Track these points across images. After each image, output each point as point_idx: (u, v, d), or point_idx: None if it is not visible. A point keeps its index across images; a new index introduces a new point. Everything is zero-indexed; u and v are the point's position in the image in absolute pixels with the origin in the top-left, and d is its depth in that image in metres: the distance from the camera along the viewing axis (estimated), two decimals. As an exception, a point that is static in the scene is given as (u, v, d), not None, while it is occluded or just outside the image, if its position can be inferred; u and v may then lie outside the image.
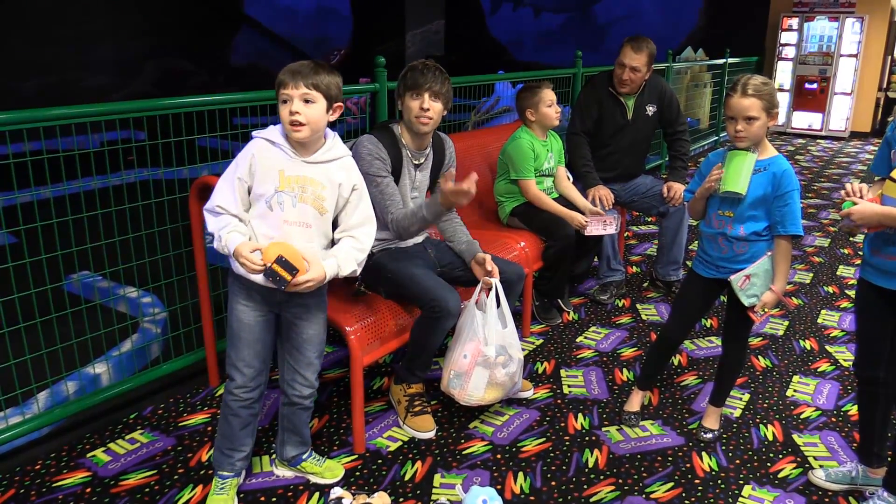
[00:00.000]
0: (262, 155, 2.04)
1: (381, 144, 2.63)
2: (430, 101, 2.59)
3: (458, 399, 2.68)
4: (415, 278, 2.60)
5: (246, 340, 2.16)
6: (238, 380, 2.18)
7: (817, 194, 7.26)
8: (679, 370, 3.33)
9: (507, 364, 2.68)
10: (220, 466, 2.29)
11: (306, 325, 2.22)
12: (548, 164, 3.71)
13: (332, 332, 3.53)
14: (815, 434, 2.82)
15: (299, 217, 2.07)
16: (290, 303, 2.16)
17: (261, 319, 2.16)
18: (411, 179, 2.76)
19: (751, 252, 2.48)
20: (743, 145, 2.40)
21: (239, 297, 2.13)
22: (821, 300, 4.30)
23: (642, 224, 5.91)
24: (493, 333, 2.64)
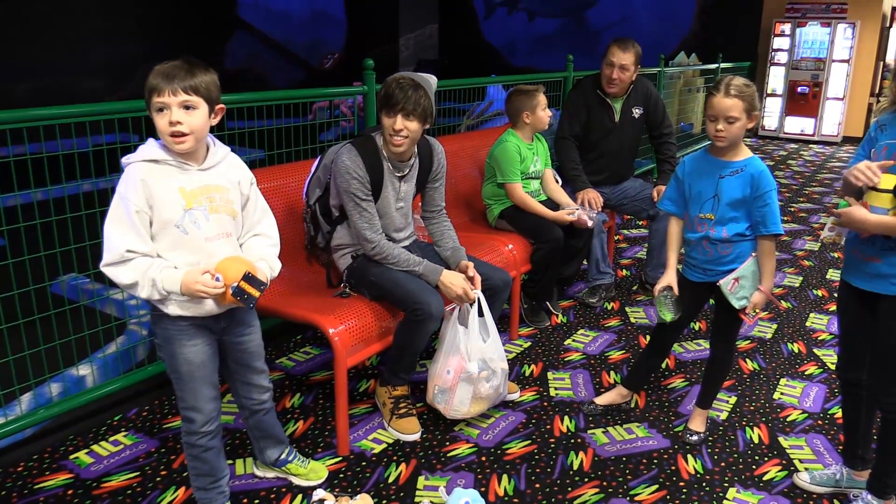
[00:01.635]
0: (152, 178, 1.81)
1: (361, 160, 2.58)
2: (403, 121, 2.52)
3: (444, 413, 2.69)
4: (398, 282, 2.59)
5: (201, 379, 1.99)
6: (199, 419, 2.02)
7: (808, 199, 7.28)
8: (666, 373, 3.33)
9: (491, 378, 2.68)
10: (212, 501, 2.16)
11: (248, 339, 2.11)
12: (534, 168, 3.71)
13: (316, 334, 3.55)
14: (801, 437, 2.82)
15: (219, 229, 1.92)
16: (230, 324, 2.04)
17: (210, 352, 2.01)
18: (395, 191, 2.73)
19: (735, 253, 2.48)
20: (722, 144, 2.42)
21: (182, 340, 1.93)
22: (809, 304, 4.30)
23: (632, 228, 5.92)
24: (474, 349, 2.63)
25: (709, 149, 2.54)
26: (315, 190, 2.76)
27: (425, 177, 2.84)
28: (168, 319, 1.92)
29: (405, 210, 2.81)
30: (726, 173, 2.46)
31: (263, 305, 2.67)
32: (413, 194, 2.84)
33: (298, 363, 3.32)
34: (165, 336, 1.95)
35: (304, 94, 3.48)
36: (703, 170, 2.53)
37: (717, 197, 2.47)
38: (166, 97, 1.79)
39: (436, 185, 2.88)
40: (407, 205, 2.81)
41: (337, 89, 3.85)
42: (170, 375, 2.02)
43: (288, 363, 3.31)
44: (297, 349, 3.46)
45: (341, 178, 2.58)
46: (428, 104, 2.57)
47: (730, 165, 2.46)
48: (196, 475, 2.13)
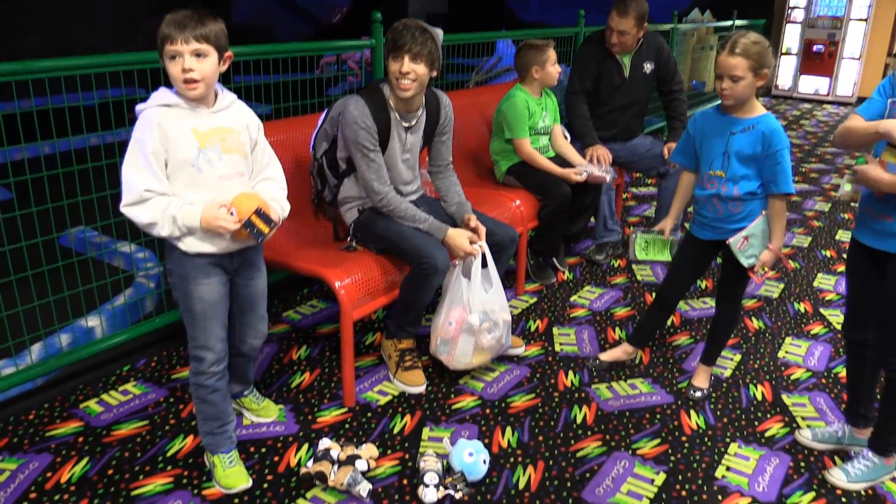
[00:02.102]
0: (166, 122, 1.88)
1: (368, 110, 2.56)
2: (410, 64, 2.49)
3: (446, 364, 2.71)
4: (404, 235, 2.59)
5: (214, 317, 2.06)
6: (210, 358, 2.09)
7: (820, 159, 7.20)
8: (672, 330, 3.34)
9: (493, 330, 2.69)
10: (219, 446, 2.21)
11: (256, 281, 2.19)
12: (543, 123, 3.67)
13: (323, 287, 3.56)
14: (804, 395, 2.83)
15: (232, 168, 1.98)
16: (242, 265, 2.11)
17: (223, 291, 2.08)
18: (401, 142, 2.71)
19: (746, 211, 2.47)
20: (728, 103, 2.39)
21: (197, 278, 2.01)
22: (818, 264, 4.29)
23: (641, 185, 5.88)
24: (476, 300, 2.64)
25: (721, 105, 2.50)
26: (322, 143, 2.74)
27: (433, 129, 2.81)
28: (185, 258, 1.99)
29: (412, 162, 2.79)
30: (737, 130, 2.42)
31: (270, 258, 2.68)
32: (420, 147, 2.82)
33: (305, 316, 3.34)
34: (181, 275, 2.02)
35: (312, 48, 3.43)
36: (714, 126, 2.49)
37: (727, 154, 2.44)
38: (179, 45, 1.84)
39: (443, 138, 2.85)
40: (413, 157, 2.79)
41: (344, 42, 3.80)
42: (182, 315, 2.09)
43: (295, 316, 3.34)
44: (303, 302, 3.48)
45: (349, 129, 2.57)
46: (435, 48, 2.54)
47: (741, 122, 2.42)
48: (204, 419, 2.19)
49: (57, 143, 2.53)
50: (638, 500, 2.20)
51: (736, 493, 2.25)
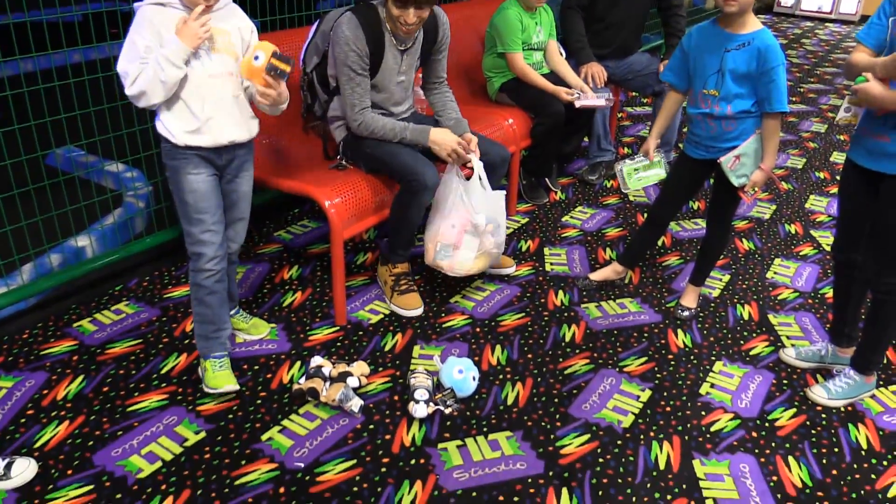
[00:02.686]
0: (158, 19, 1.93)
1: (361, 31, 2.46)
2: (417, 12, 2.42)
3: (446, 271, 2.68)
4: (393, 154, 2.56)
5: (207, 208, 2.13)
6: (208, 252, 2.15)
7: (820, 79, 7.08)
8: (662, 250, 3.35)
9: (496, 232, 2.69)
10: (211, 350, 2.27)
11: (242, 180, 2.23)
12: (537, 38, 3.58)
13: (314, 207, 3.55)
14: (790, 314, 2.87)
15: (221, 68, 2.02)
16: (231, 163, 2.17)
17: (214, 182, 2.14)
18: (396, 63, 2.63)
19: (739, 129, 2.43)
20: (732, 10, 2.29)
21: (187, 168, 2.07)
22: (811, 185, 4.28)
23: (637, 105, 5.79)
24: (480, 201, 2.62)
25: (718, 19, 2.42)
26: (312, 57, 2.67)
27: (429, 48, 2.73)
28: (175, 151, 2.06)
29: (406, 84, 2.73)
30: (732, 46, 2.36)
31: (260, 178, 2.65)
32: (416, 67, 2.75)
33: (296, 236, 3.34)
34: (174, 167, 2.09)
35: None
36: (709, 42, 2.42)
37: (721, 72, 2.39)
38: None
39: (439, 56, 2.78)
40: (408, 78, 2.73)
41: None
42: (178, 212, 2.17)
43: (286, 236, 3.33)
44: (294, 222, 3.47)
45: (339, 49, 2.49)
46: None
47: (736, 38, 2.35)
48: (200, 322, 2.25)
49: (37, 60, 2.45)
50: (623, 415, 2.26)
51: (719, 409, 2.31)
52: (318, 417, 2.19)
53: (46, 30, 2.44)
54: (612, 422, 2.23)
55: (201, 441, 2.08)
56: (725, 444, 2.16)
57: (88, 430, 2.10)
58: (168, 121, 2.02)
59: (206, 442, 2.08)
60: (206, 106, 2.02)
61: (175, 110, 2.01)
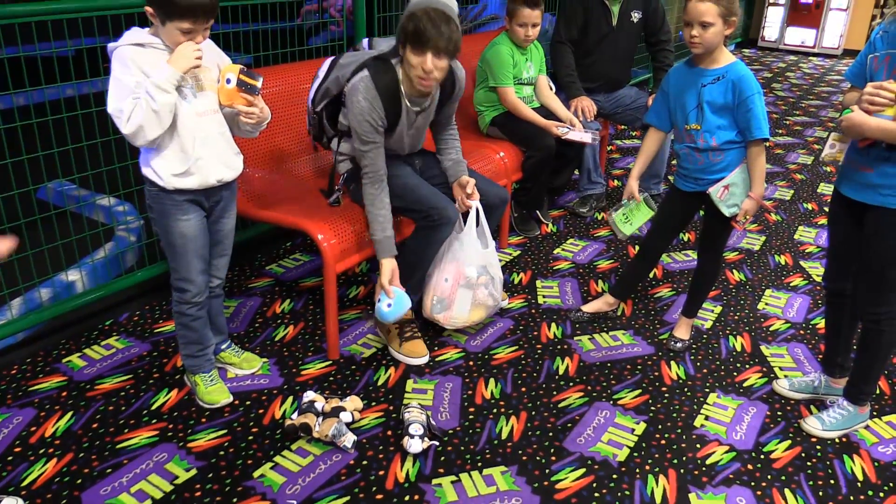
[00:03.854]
0: (141, 59, 1.92)
1: (379, 101, 2.39)
2: (434, 60, 2.29)
3: (443, 323, 2.70)
4: (410, 188, 2.53)
5: (193, 251, 2.16)
6: (192, 290, 2.21)
7: (805, 112, 7.19)
8: (654, 282, 3.36)
9: (489, 284, 2.69)
10: (200, 368, 2.36)
11: (227, 219, 2.27)
12: (527, 73, 3.63)
13: (306, 240, 3.55)
14: (782, 346, 2.88)
15: (207, 106, 2.05)
16: (217, 204, 2.20)
17: (202, 226, 2.17)
18: (410, 123, 2.57)
19: (726, 161, 2.47)
20: (697, 51, 2.39)
21: (176, 214, 2.09)
22: (799, 216, 4.31)
23: (626, 138, 5.85)
24: (473, 254, 2.63)
25: (691, 58, 2.49)
26: (322, 100, 2.65)
27: (445, 100, 2.67)
28: (163, 195, 2.06)
29: (416, 135, 2.69)
30: (707, 81, 2.42)
31: (253, 212, 2.65)
32: (427, 123, 2.70)
33: (288, 269, 3.33)
34: (162, 211, 2.11)
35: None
36: (686, 80, 2.49)
37: (700, 106, 2.44)
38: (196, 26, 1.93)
39: (452, 104, 2.74)
40: (419, 132, 2.69)
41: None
42: (164, 248, 2.20)
43: (278, 269, 3.32)
44: (286, 256, 3.47)
45: (353, 117, 2.43)
46: (459, 37, 2.32)
47: (710, 73, 2.42)
48: (185, 343, 2.32)
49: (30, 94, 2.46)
50: (618, 448, 2.25)
51: (714, 442, 2.30)
52: (311, 453, 2.16)
53: (40, 64, 2.45)
54: (607, 455, 2.21)
55: (192, 478, 2.05)
56: (721, 478, 2.15)
57: (77, 468, 2.07)
58: (156, 164, 2.03)
59: (197, 479, 2.05)
60: (196, 145, 2.03)
61: (164, 153, 2.01)
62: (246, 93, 2.03)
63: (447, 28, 2.27)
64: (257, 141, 2.66)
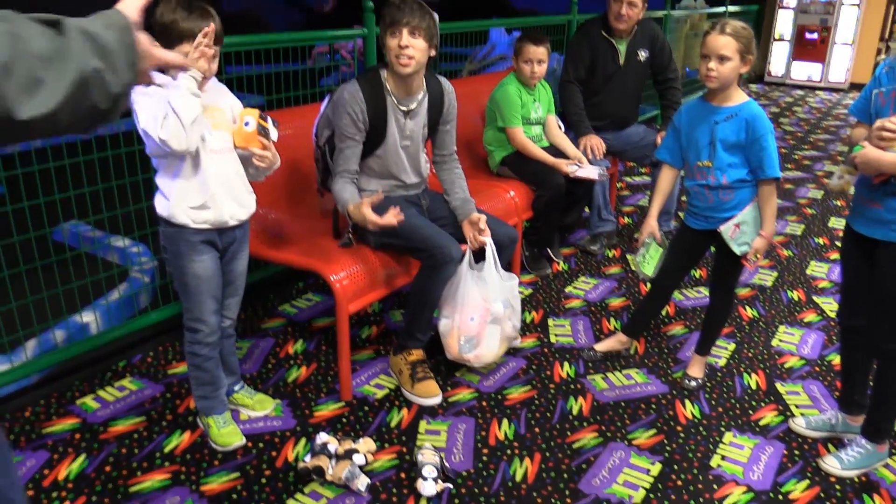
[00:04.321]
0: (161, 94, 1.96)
1: (361, 94, 2.54)
2: (409, 38, 2.45)
3: (473, 363, 2.69)
4: (413, 228, 2.55)
5: (207, 292, 2.19)
6: (205, 329, 2.23)
7: (813, 146, 7.21)
8: (666, 320, 3.35)
9: (512, 316, 2.70)
10: (213, 409, 2.37)
11: (239, 260, 2.29)
12: (535, 114, 3.67)
13: (319, 281, 3.56)
14: (798, 383, 2.85)
15: (221, 144, 2.10)
16: (231, 244, 2.23)
17: (215, 267, 2.19)
18: (399, 127, 2.66)
19: (737, 199, 2.47)
20: (713, 85, 2.40)
21: (191, 254, 2.13)
22: (811, 251, 4.30)
23: (635, 175, 5.88)
24: (497, 289, 2.63)
25: (705, 95, 2.51)
26: (324, 130, 2.71)
27: (437, 117, 2.76)
28: (177, 235, 2.10)
29: (412, 150, 2.74)
30: (721, 119, 2.44)
31: (266, 253, 2.67)
32: (423, 136, 2.77)
33: (301, 310, 3.34)
34: (176, 251, 2.14)
35: (304, 38, 3.41)
36: (698, 117, 2.51)
37: (713, 143, 2.46)
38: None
39: (447, 127, 2.82)
40: (415, 145, 2.74)
41: (336, 32, 3.78)
42: (177, 287, 2.22)
43: (290, 310, 3.33)
44: (299, 296, 3.48)
45: (336, 112, 2.57)
46: (433, 24, 2.50)
47: (724, 111, 2.44)
48: (198, 384, 2.33)
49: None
50: (634, 490, 2.22)
51: (731, 482, 2.27)
52: (324, 496, 2.15)
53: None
54: (622, 497, 2.19)
55: (205, 523, 2.04)
56: (740, 520, 2.12)
57: (90, 513, 2.06)
58: (173, 199, 2.06)
59: (209, 523, 2.03)
60: (210, 182, 2.07)
61: (179, 188, 2.06)
62: (262, 136, 2.08)
63: (419, 10, 2.46)
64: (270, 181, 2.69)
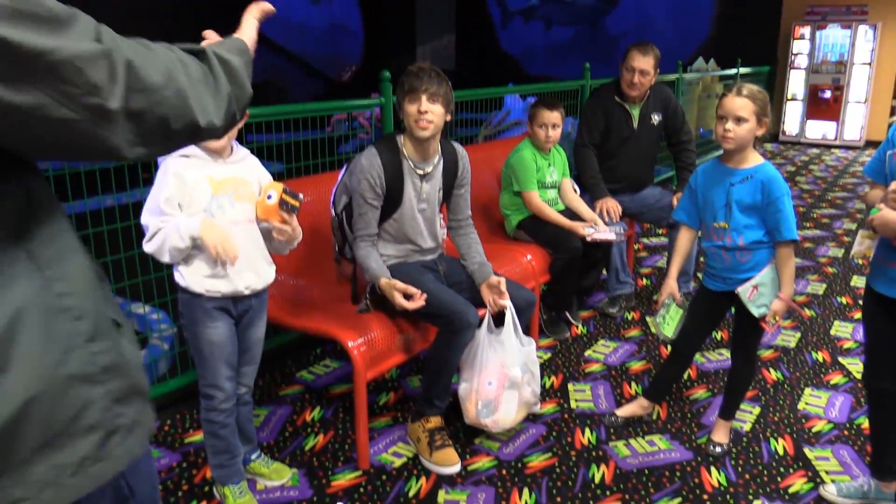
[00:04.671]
0: (184, 171, 2.05)
1: (378, 159, 2.60)
2: (428, 104, 2.52)
3: (491, 428, 2.65)
4: (431, 293, 2.55)
5: (221, 358, 2.19)
6: (220, 396, 2.22)
7: (831, 204, 7.19)
8: (689, 383, 3.30)
9: (531, 381, 2.67)
10: (229, 478, 2.33)
11: (256, 328, 2.30)
12: (550, 178, 3.71)
13: (336, 346, 3.56)
14: (826, 448, 2.78)
15: (242, 215, 2.13)
16: (247, 312, 2.24)
17: (230, 334, 2.21)
18: (416, 191, 2.71)
19: (754, 260, 2.46)
20: (729, 146, 2.41)
21: (205, 321, 2.14)
22: (834, 311, 4.24)
23: (652, 236, 5.88)
24: (515, 354, 2.62)
25: (720, 157, 2.53)
26: (342, 197, 2.75)
27: (451, 181, 2.81)
28: (194, 302, 2.12)
29: (429, 214, 2.77)
30: (736, 181, 2.45)
31: (283, 318, 2.68)
32: (438, 200, 2.81)
33: (318, 376, 3.33)
34: (191, 318, 2.16)
35: (323, 107, 3.50)
36: (714, 179, 2.53)
37: (728, 205, 2.46)
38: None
39: (461, 191, 2.86)
40: (431, 208, 2.78)
41: (355, 101, 3.87)
42: (192, 354, 2.24)
43: (308, 376, 3.32)
44: (316, 362, 3.47)
45: (354, 178, 2.62)
46: (449, 90, 2.58)
47: (739, 173, 2.46)
48: (214, 452, 2.30)
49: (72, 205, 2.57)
50: (661, 563, 2.15)
51: (761, 554, 2.19)
52: (341, 570, 2.10)
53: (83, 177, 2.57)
54: (649, 570, 2.12)
55: None
56: None
57: (104, 588, 2.02)
58: (188, 267, 2.10)
59: None
60: None
61: (194, 257, 2.09)
62: (284, 211, 2.11)
63: (437, 77, 2.55)
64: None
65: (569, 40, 14.51)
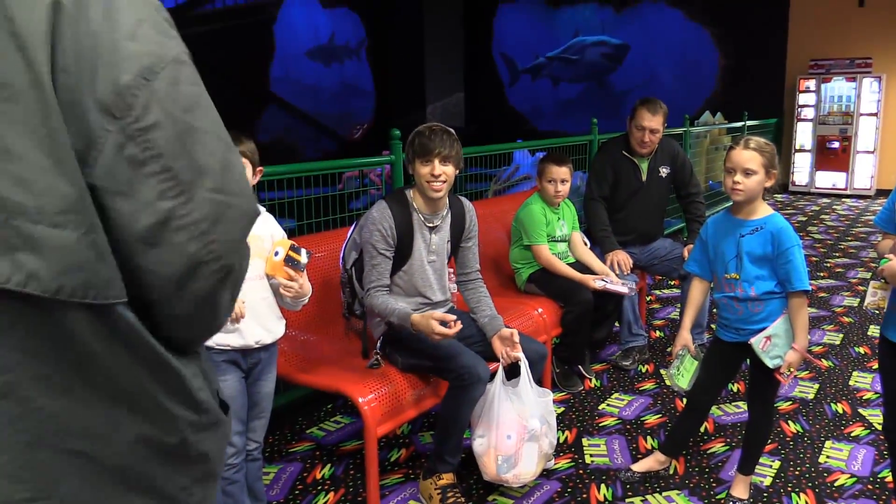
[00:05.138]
0: None
1: (389, 212, 2.64)
2: (441, 166, 2.59)
3: (511, 483, 2.60)
4: (438, 349, 2.54)
5: (232, 412, 2.15)
6: (229, 451, 2.18)
7: (844, 253, 7.15)
8: (706, 437, 3.24)
9: (548, 433, 2.64)
10: None
11: (265, 382, 2.28)
12: (560, 231, 3.72)
13: (347, 402, 3.53)
14: (850, 502, 2.70)
15: (254, 271, 2.13)
16: (256, 366, 2.23)
17: (240, 387, 2.19)
18: (426, 242, 2.75)
19: (767, 311, 2.45)
20: (739, 199, 2.42)
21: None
22: (852, 361, 4.18)
23: (664, 288, 5.85)
24: (533, 405, 2.59)
25: (730, 208, 2.54)
26: (351, 253, 2.78)
27: (459, 235, 2.85)
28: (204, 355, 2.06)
29: (438, 266, 2.80)
30: (746, 232, 2.46)
31: (293, 374, 2.67)
32: (447, 252, 2.84)
33: (329, 433, 3.29)
34: None
35: (334, 165, 3.56)
36: (724, 230, 2.53)
37: (739, 256, 2.46)
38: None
39: (468, 244, 2.89)
40: (440, 260, 2.80)
41: (366, 159, 3.93)
42: None
43: (318, 433, 3.29)
44: (327, 418, 3.44)
45: (366, 230, 2.64)
46: (460, 149, 2.65)
47: (749, 224, 2.46)
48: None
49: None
50: None
51: None
52: None
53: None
54: None
55: None
56: None
57: None
58: None
59: None
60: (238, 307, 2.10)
61: None
62: (290, 268, 2.13)
63: (449, 139, 2.60)
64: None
65: (576, 97, 14.75)
